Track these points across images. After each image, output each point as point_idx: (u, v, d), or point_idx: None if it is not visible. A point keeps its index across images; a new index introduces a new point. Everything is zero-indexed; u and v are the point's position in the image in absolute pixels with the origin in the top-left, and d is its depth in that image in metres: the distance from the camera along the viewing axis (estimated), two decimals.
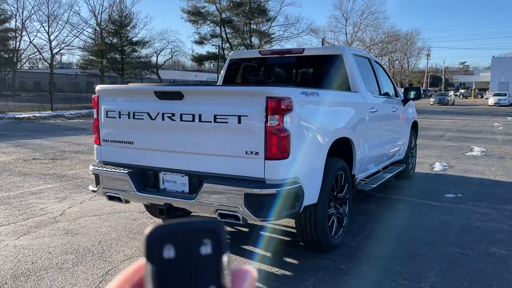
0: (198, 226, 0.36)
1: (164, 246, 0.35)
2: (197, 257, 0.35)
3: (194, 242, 0.35)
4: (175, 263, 0.35)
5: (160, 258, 0.35)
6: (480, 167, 8.41)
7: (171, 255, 0.35)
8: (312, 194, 3.61)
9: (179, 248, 0.35)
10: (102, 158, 4.04)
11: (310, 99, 3.59)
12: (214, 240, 0.36)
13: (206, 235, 0.36)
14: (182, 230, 0.36)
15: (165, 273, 0.35)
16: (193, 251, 0.35)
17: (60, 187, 6.30)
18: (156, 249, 0.35)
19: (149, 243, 0.35)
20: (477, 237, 4.50)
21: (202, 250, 0.35)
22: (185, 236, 0.36)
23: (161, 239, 0.35)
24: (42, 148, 10.16)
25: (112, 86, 3.99)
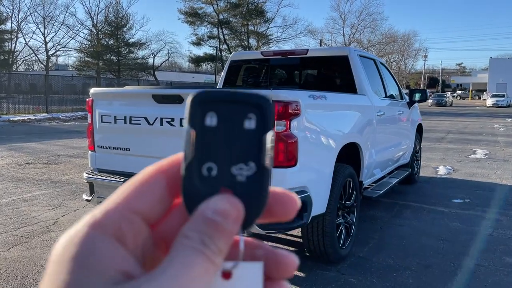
0: (245, 99, 0.34)
1: (207, 113, 0.33)
2: (239, 130, 0.33)
3: (238, 114, 0.33)
4: (217, 132, 0.33)
5: (201, 124, 0.33)
6: (485, 170, 8.22)
7: (213, 123, 0.33)
8: (320, 203, 3.40)
9: (221, 118, 0.33)
10: (96, 165, 3.82)
11: (318, 102, 3.38)
12: (259, 115, 0.33)
13: (252, 109, 0.33)
14: (228, 100, 0.34)
15: (204, 140, 0.33)
16: (236, 123, 0.33)
17: (54, 193, 6.07)
18: (198, 115, 0.33)
19: (192, 108, 0.34)
20: (490, 246, 4.30)
21: (245, 124, 0.33)
22: (229, 106, 0.34)
23: (205, 106, 0.33)
24: (36, 152, 9.91)
25: (108, 89, 3.78)
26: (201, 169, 0.33)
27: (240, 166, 0.33)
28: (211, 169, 0.33)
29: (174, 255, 0.30)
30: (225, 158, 0.33)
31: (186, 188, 0.33)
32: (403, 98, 6.23)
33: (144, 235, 0.33)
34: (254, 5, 43.51)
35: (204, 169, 0.33)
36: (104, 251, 0.29)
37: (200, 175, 0.33)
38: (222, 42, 43.47)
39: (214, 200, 0.32)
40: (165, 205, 0.34)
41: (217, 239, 0.31)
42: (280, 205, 0.35)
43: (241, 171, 0.33)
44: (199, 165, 0.33)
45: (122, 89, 3.77)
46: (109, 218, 0.31)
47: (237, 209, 0.32)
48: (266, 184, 0.34)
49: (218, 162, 0.33)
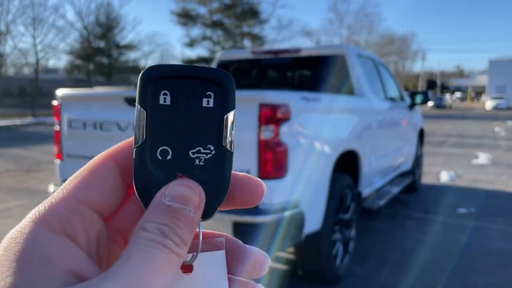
0: (203, 74, 0.31)
1: (160, 91, 0.30)
2: (196, 109, 0.30)
3: (195, 92, 0.31)
4: (171, 111, 0.30)
5: (154, 103, 0.30)
6: (489, 176, 7.85)
7: (167, 102, 0.30)
8: (315, 219, 3.01)
9: (176, 96, 0.30)
10: (65, 176, 3.42)
11: (311, 105, 2.99)
12: (219, 93, 0.31)
13: (211, 86, 0.31)
14: (184, 75, 0.30)
15: (157, 121, 0.30)
16: (193, 101, 0.30)
17: (31, 204, 5.65)
18: (150, 93, 0.30)
19: (142, 85, 0.30)
20: (500, 262, 3.92)
21: (204, 102, 0.30)
22: (186, 82, 0.30)
23: (157, 83, 0.30)
24: (18, 159, 9.48)
25: (76, 91, 3.38)
26: (154, 153, 0.30)
27: (198, 149, 0.30)
28: (166, 152, 0.30)
29: (131, 249, 0.26)
30: (181, 140, 0.30)
31: (138, 175, 0.30)
32: (404, 100, 5.86)
33: (98, 229, 0.29)
34: (248, 6, 43.16)
35: (157, 153, 0.30)
36: (51, 248, 0.26)
37: (153, 160, 0.30)
38: (215, 43, 43.09)
39: (171, 185, 0.29)
40: (119, 194, 0.31)
41: (178, 228, 0.28)
42: (244, 191, 0.32)
43: (200, 154, 0.30)
44: (152, 149, 0.30)
45: (92, 92, 3.37)
46: (56, 211, 0.28)
47: (197, 194, 0.29)
48: (228, 168, 0.31)
49: (174, 145, 0.30)
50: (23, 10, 38.72)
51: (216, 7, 42.87)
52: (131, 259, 0.26)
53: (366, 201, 4.36)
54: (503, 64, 60.95)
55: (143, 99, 0.31)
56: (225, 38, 43.93)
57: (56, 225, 0.27)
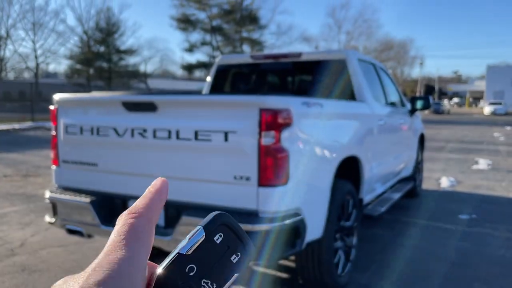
0: (244, 239, 0.40)
1: (219, 232, 0.39)
2: (226, 257, 0.39)
3: (233, 247, 0.39)
4: (214, 248, 0.38)
5: (211, 236, 0.38)
6: (490, 182, 7.80)
7: (218, 241, 0.38)
8: (316, 227, 2.95)
9: (224, 241, 0.39)
10: (61, 182, 3.35)
11: (312, 110, 2.94)
12: (242, 258, 0.39)
13: (242, 250, 0.39)
14: (236, 232, 0.39)
15: (204, 248, 0.38)
16: (229, 252, 0.39)
17: (27, 209, 5.58)
18: (213, 229, 0.38)
19: (213, 220, 0.39)
20: (503, 270, 3.86)
21: (232, 256, 0.39)
22: (234, 237, 0.39)
23: (221, 225, 0.39)
24: (16, 163, 9.40)
25: (73, 95, 3.32)
26: (185, 266, 0.37)
27: (206, 281, 0.38)
28: (192, 270, 0.38)
29: None
30: (204, 269, 0.38)
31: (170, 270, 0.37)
32: (404, 105, 5.81)
33: None
34: (248, 12, 43.23)
35: (187, 267, 0.37)
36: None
37: (182, 268, 0.37)
38: (215, 48, 43.09)
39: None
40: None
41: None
42: None
43: (206, 285, 0.37)
44: (187, 262, 0.38)
45: (89, 96, 3.31)
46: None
47: None
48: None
49: (199, 269, 0.38)
50: (24, 15, 38.75)
51: (216, 13, 42.97)
52: None
53: (367, 207, 4.30)
54: (501, 69, 61.01)
55: (208, 228, 0.39)
56: (225, 43, 43.97)
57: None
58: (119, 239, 0.36)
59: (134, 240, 0.36)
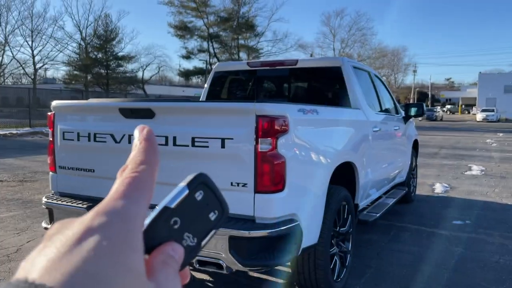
0: (221, 200, 0.43)
1: (199, 190, 0.42)
2: (205, 214, 0.42)
3: (211, 205, 0.42)
4: (195, 204, 0.41)
5: (192, 193, 0.41)
6: (483, 188, 7.87)
7: (198, 198, 0.42)
8: (312, 233, 2.98)
9: (204, 199, 0.42)
10: (58, 188, 3.36)
11: (308, 117, 2.98)
12: (219, 216, 0.43)
13: (219, 209, 0.43)
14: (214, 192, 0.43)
15: (186, 203, 0.41)
16: (207, 209, 0.42)
17: (23, 215, 5.57)
18: (194, 186, 0.41)
19: (195, 179, 0.42)
20: (497, 276, 3.90)
21: (210, 214, 0.42)
22: (213, 196, 0.42)
23: (202, 184, 0.42)
24: (13, 169, 9.38)
25: (70, 102, 3.35)
26: (170, 219, 0.40)
27: (189, 235, 0.41)
28: (176, 222, 0.41)
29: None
30: (187, 222, 0.41)
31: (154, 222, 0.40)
32: (398, 112, 5.87)
33: None
34: (244, 19, 43.42)
35: (172, 219, 0.40)
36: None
37: (167, 222, 0.40)
38: (212, 55, 43.20)
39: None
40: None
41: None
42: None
43: (188, 239, 0.41)
44: (171, 215, 0.40)
45: (86, 102, 3.33)
46: None
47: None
48: (195, 255, 0.42)
49: (182, 222, 0.41)
50: (22, 22, 38.73)
51: (213, 20, 43.14)
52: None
53: (363, 213, 4.34)
54: (492, 77, 61.52)
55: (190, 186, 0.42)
56: (222, 50, 44.12)
57: None
58: (122, 189, 0.37)
59: (137, 192, 0.37)
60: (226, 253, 2.58)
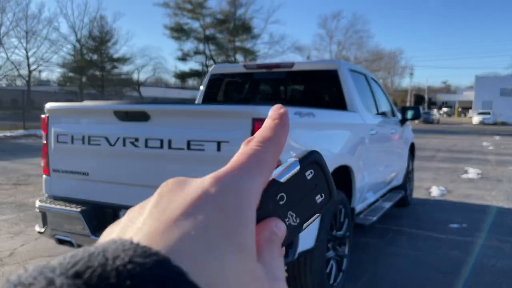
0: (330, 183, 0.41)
1: (310, 169, 0.40)
2: (312, 196, 0.40)
3: (320, 188, 0.40)
4: (304, 183, 0.39)
5: (304, 170, 0.39)
6: (480, 191, 7.87)
7: (308, 177, 0.39)
8: (308, 237, 2.95)
9: (313, 179, 0.40)
10: (51, 191, 3.32)
11: (305, 120, 2.96)
12: (325, 200, 0.41)
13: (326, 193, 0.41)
14: (324, 173, 0.40)
15: (295, 180, 0.39)
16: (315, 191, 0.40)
17: (17, 218, 5.51)
18: (307, 164, 0.39)
19: (309, 155, 0.40)
20: (495, 279, 3.88)
21: (317, 196, 0.40)
22: (322, 179, 0.40)
23: (314, 163, 0.40)
24: (6, 172, 9.30)
25: (65, 104, 3.31)
26: (277, 193, 0.38)
27: (292, 214, 0.39)
28: (282, 198, 0.38)
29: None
30: (293, 200, 0.39)
31: (265, 201, 0.37)
32: (395, 115, 5.86)
33: None
34: (241, 22, 43.47)
35: (279, 194, 0.38)
36: None
37: (274, 198, 0.38)
38: (208, 57, 43.19)
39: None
40: None
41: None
42: None
43: (291, 217, 0.39)
44: (279, 190, 0.38)
45: (80, 105, 3.29)
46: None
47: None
48: (294, 236, 0.39)
49: (289, 199, 0.38)
50: (17, 23, 38.53)
51: (209, 22, 43.18)
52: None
53: (359, 216, 4.32)
54: (489, 80, 61.82)
55: (302, 162, 0.39)
56: (218, 52, 44.13)
57: None
58: (243, 161, 0.35)
59: (258, 167, 0.35)
60: None
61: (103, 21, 40.78)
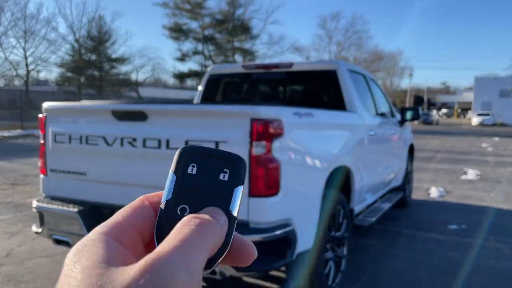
0: (223, 155, 0.39)
1: (190, 163, 0.39)
2: (214, 180, 0.39)
3: (216, 167, 0.39)
4: (195, 179, 0.39)
5: (183, 172, 0.39)
6: (479, 192, 7.86)
7: (193, 172, 0.39)
8: (307, 238, 2.93)
9: (201, 168, 0.39)
10: (49, 191, 3.31)
11: (304, 121, 2.94)
12: (233, 171, 0.39)
13: (227, 164, 0.39)
14: (209, 154, 0.39)
15: (183, 185, 0.38)
16: (212, 174, 0.39)
17: (14, 219, 5.49)
18: (182, 164, 0.39)
19: (178, 158, 0.39)
20: (493, 281, 3.87)
21: (220, 176, 0.39)
22: (210, 159, 0.39)
23: (189, 157, 0.39)
24: (3, 172, 9.27)
25: (63, 104, 3.29)
26: (175, 209, 0.38)
27: (212, 209, 0.37)
28: (184, 210, 0.38)
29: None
30: (197, 202, 0.38)
31: (161, 220, 0.38)
32: (394, 116, 5.85)
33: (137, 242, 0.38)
34: (239, 22, 43.44)
35: (178, 209, 0.38)
36: (111, 245, 0.34)
37: (174, 213, 0.38)
38: (207, 58, 43.16)
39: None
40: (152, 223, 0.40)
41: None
42: (238, 253, 0.39)
43: None
44: (174, 206, 0.38)
45: (78, 105, 3.27)
46: (115, 227, 0.37)
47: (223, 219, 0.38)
48: (230, 232, 0.37)
49: (191, 205, 0.38)
50: (15, 23, 38.41)
51: (208, 22, 43.14)
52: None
53: (358, 218, 4.30)
54: (488, 81, 61.88)
55: (176, 167, 0.39)
56: (217, 52, 44.08)
57: (113, 235, 0.36)
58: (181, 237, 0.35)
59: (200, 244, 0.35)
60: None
61: (102, 21, 40.73)
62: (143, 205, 0.39)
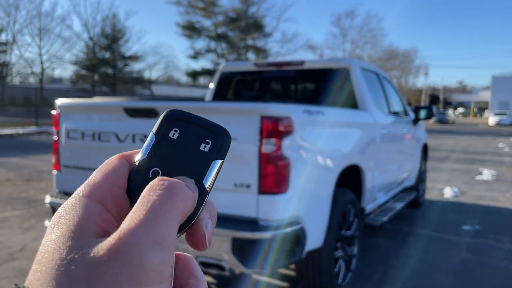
0: (209, 125, 0.38)
1: (173, 127, 0.38)
2: (194, 149, 0.37)
3: (198, 136, 0.38)
4: (174, 144, 0.37)
5: (164, 134, 0.38)
6: (494, 193, 7.74)
7: (174, 137, 0.38)
8: (317, 236, 2.92)
9: (183, 135, 0.38)
10: (62, 187, 3.35)
11: (314, 118, 2.93)
12: (215, 143, 0.38)
13: (211, 136, 0.38)
14: (195, 122, 0.38)
15: (161, 149, 0.37)
16: (194, 142, 0.38)
17: (28, 214, 5.57)
18: (164, 127, 0.38)
19: (162, 119, 0.38)
20: (507, 282, 3.81)
21: (201, 146, 0.38)
22: (194, 127, 0.38)
23: (174, 121, 0.38)
24: (18, 168, 9.42)
25: (76, 101, 3.33)
26: (147, 170, 0.36)
27: (182, 178, 0.35)
28: (157, 173, 0.36)
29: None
30: (171, 168, 0.37)
31: (132, 181, 0.36)
32: (408, 115, 5.79)
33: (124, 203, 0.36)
34: (253, 20, 43.41)
35: (150, 171, 0.36)
36: (90, 209, 0.33)
37: (145, 175, 0.36)
38: (220, 56, 43.24)
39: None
40: None
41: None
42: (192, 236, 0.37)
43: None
44: (148, 167, 0.37)
45: (91, 101, 3.31)
46: (96, 188, 0.35)
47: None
48: (200, 204, 0.36)
49: (164, 170, 0.36)
50: (30, 21, 38.98)
51: (221, 20, 43.19)
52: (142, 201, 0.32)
53: (369, 217, 4.27)
54: (506, 80, 60.89)
55: (158, 129, 0.38)
56: (229, 50, 44.10)
57: (96, 197, 0.34)
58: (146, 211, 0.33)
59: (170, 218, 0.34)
60: (228, 255, 2.53)
61: (116, 19, 41.16)
62: (122, 163, 0.37)
